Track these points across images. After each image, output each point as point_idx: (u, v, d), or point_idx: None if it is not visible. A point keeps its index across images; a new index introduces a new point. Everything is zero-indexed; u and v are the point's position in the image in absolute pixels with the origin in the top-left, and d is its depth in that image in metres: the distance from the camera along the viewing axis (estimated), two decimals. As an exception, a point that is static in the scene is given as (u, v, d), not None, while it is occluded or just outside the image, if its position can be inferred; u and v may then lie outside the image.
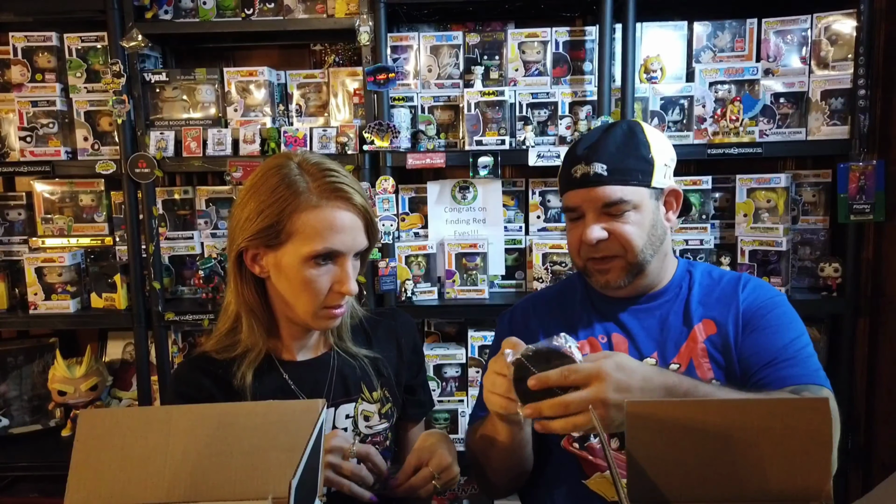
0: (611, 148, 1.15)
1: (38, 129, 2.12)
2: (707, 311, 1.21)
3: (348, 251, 1.06)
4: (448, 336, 2.28)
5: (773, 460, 0.78)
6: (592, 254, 1.17)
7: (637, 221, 1.15)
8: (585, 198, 1.16)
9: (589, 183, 1.14)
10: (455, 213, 2.19)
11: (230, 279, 1.12)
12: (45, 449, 2.11)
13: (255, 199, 1.06)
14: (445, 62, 2.12)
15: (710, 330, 1.20)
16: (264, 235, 1.05)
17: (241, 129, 2.08)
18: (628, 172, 1.14)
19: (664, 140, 1.20)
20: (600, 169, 1.13)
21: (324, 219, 1.04)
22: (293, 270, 1.05)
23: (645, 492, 0.81)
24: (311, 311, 1.08)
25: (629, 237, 1.14)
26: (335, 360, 1.18)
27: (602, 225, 1.15)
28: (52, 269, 2.13)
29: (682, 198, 1.23)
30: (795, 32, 1.98)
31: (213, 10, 2.07)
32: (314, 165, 1.07)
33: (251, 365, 1.12)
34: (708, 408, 0.83)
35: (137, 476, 0.81)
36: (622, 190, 1.14)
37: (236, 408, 0.89)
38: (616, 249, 1.16)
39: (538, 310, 1.34)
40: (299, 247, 1.04)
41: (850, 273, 1.94)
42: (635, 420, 0.82)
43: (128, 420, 0.85)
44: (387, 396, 1.20)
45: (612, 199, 1.14)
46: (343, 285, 1.06)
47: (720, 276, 1.26)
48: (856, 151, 1.90)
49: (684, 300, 1.24)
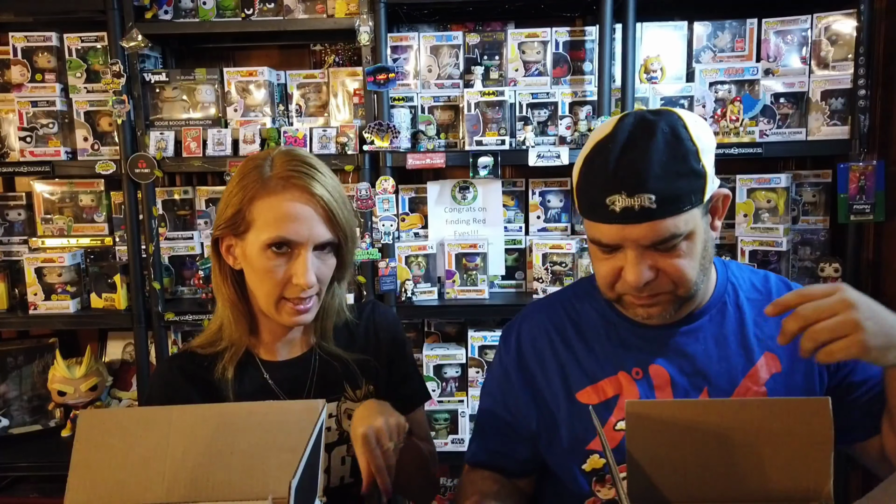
0: (656, 168, 0.89)
1: (37, 130, 2.12)
2: (768, 341, 1.02)
3: (304, 242, 1.04)
4: (448, 336, 2.28)
5: (774, 460, 0.78)
6: (634, 293, 0.96)
7: (689, 252, 0.94)
8: (628, 236, 0.92)
9: (633, 219, 0.90)
10: (455, 214, 2.19)
11: (212, 272, 1.13)
12: (45, 449, 2.11)
13: (228, 190, 1.08)
14: (445, 62, 2.12)
15: (773, 367, 1.01)
16: (231, 224, 1.06)
17: (241, 129, 2.08)
18: (681, 199, 0.90)
19: (707, 130, 0.97)
20: (648, 202, 0.88)
21: (277, 207, 1.03)
22: (255, 259, 1.05)
23: (645, 492, 0.80)
24: (272, 301, 1.07)
25: (682, 272, 0.94)
26: (316, 359, 1.17)
27: (649, 262, 0.93)
28: (51, 269, 2.13)
29: (729, 200, 1.01)
30: (795, 32, 1.98)
31: (213, 11, 2.07)
32: (285, 156, 1.07)
33: (232, 360, 1.12)
34: (708, 408, 0.83)
35: (137, 476, 0.81)
36: (675, 223, 0.90)
37: (236, 408, 0.89)
38: (665, 286, 0.95)
39: (550, 336, 1.11)
40: (258, 234, 1.04)
41: (850, 273, 1.94)
42: (635, 420, 0.82)
43: (128, 420, 0.85)
44: (371, 393, 1.18)
45: (664, 237, 0.91)
46: (298, 277, 1.04)
47: (767, 289, 1.07)
48: (856, 151, 1.90)
49: (738, 321, 1.04)
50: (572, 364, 1.08)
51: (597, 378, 1.06)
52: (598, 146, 0.95)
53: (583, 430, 1.05)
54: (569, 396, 1.07)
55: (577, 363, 1.08)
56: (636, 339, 1.05)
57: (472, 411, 2.08)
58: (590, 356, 1.07)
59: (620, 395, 1.03)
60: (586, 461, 1.05)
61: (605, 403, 1.04)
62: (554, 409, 1.08)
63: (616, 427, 1.03)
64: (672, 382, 1.02)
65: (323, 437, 0.86)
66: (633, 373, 1.04)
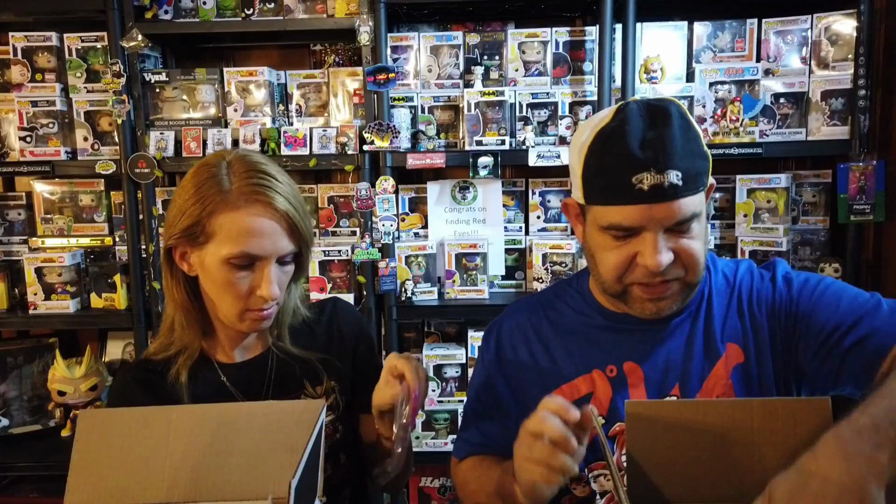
0: (678, 147, 0.90)
1: (37, 129, 2.12)
2: (731, 332, 1.02)
3: (268, 255, 1.03)
4: (448, 336, 2.28)
5: (774, 460, 0.78)
6: (648, 279, 0.95)
7: (699, 234, 0.95)
8: (654, 216, 0.91)
9: (662, 197, 0.89)
10: (455, 214, 2.19)
11: (163, 278, 1.11)
12: (45, 449, 2.11)
13: (181, 197, 1.05)
14: (445, 62, 2.12)
15: (736, 358, 1.01)
16: (188, 234, 1.04)
17: (241, 129, 2.08)
18: (699, 178, 0.92)
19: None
20: (676, 178, 0.89)
21: (241, 222, 1.01)
22: (215, 271, 1.03)
23: (645, 492, 0.80)
24: (234, 312, 1.06)
25: (696, 255, 0.94)
26: (273, 358, 1.16)
27: (670, 245, 0.93)
28: (51, 269, 2.13)
29: (713, 189, 1.02)
30: (795, 33, 1.98)
31: (213, 10, 2.07)
32: (243, 164, 1.04)
33: (186, 363, 1.10)
34: (708, 408, 0.83)
35: (137, 476, 0.81)
36: (694, 201, 0.92)
37: (236, 408, 0.89)
38: (678, 272, 0.95)
39: (527, 335, 1.13)
40: (219, 248, 1.02)
41: (849, 273, 1.94)
42: (635, 420, 0.82)
43: (128, 420, 0.85)
44: (332, 388, 1.17)
45: (686, 216, 0.91)
46: (263, 290, 1.03)
47: (733, 280, 1.06)
48: (856, 152, 1.90)
49: (707, 316, 1.04)
50: (547, 363, 1.09)
51: (571, 376, 1.07)
52: (605, 132, 0.94)
53: None
54: (543, 394, 1.08)
55: (552, 362, 1.09)
56: (612, 335, 1.06)
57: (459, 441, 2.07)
58: (565, 355, 1.08)
59: (594, 393, 1.05)
60: None
61: (578, 402, 1.04)
62: (532, 406, 1.09)
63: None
64: (645, 379, 1.03)
65: (323, 436, 0.86)
66: (608, 370, 1.04)
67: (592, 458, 1.03)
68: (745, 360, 1.00)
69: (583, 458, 0.85)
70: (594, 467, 1.02)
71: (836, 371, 0.92)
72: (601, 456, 1.02)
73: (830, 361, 0.93)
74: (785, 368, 0.99)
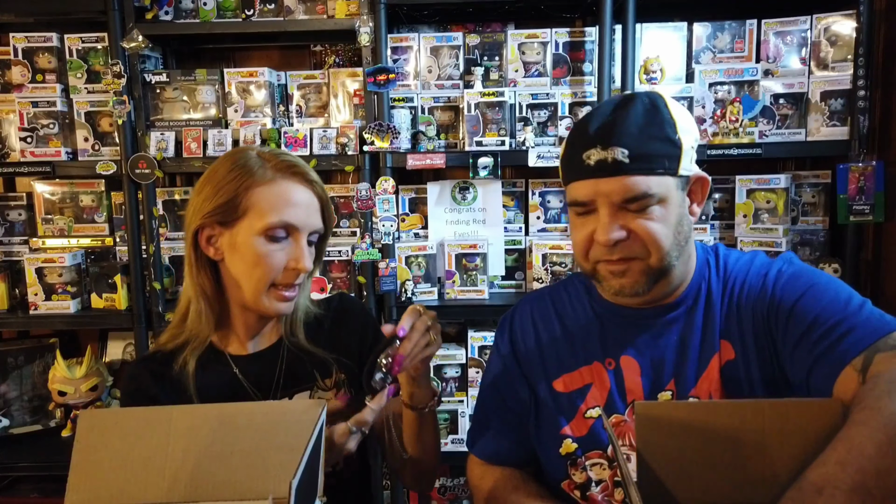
0: (632, 128, 0.94)
1: (38, 130, 2.12)
2: (723, 327, 1.03)
3: (303, 228, 1.07)
4: (448, 337, 2.28)
5: (784, 461, 0.77)
6: (606, 256, 0.98)
7: (662, 217, 0.96)
8: (601, 190, 0.95)
9: (607, 172, 0.94)
10: (455, 214, 2.19)
11: (186, 263, 1.12)
12: (45, 449, 2.11)
13: (211, 182, 1.08)
14: (445, 63, 2.12)
15: (728, 354, 1.01)
16: (221, 212, 1.06)
17: (242, 129, 2.09)
18: (654, 159, 0.94)
19: (689, 118, 1.01)
20: (621, 155, 0.93)
21: (280, 193, 1.05)
22: (247, 247, 1.05)
23: (655, 494, 0.80)
24: (261, 289, 1.07)
25: (655, 237, 0.95)
26: (285, 350, 1.17)
27: (620, 223, 0.96)
28: (52, 269, 2.13)
29: (708, 186, 1.03)
30: (795, 33, 1.98)
31: (213, 11, 2.07)
32: (272, 152, 1.11)
33: (194, 352, 1.11)
34: (717, 409, 0.82)
35: (137, 476, 0.81)
36: (647, 181, 0.94)
37: (236, 408, 0.89)
38: (637, 251, 0.97)
39: (536, 324, 1.16)
40: (255, 221, 1.04)
41: (849, 274, 1.94)
42: (645, 422, 0.81)
43: (128, 420, 0.85)
44: (343, 381, 1.18)
45: (635, 193, 0.94)
46: (298, 262, 1.06)
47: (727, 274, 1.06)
48: (855, 152, 1.90)
49: (706, 311, 1.04)
50: (552, 353, 1.13)
51: (573, 367, 1.10)
52: (582, 118, 1.02)
53: (557, 415, 1.10)
54: (547, 384, 1.12)
55: (556, 352, 1.12)
56: (611, 328, 1.08)
57: (471, 411, 2.08)
58: (569, 346, 1.11)
59: (593, 384, 1.08)
60: (561, 445, 1.09)
61: (578, 391, 1.09)
62: (538, 394, 1.14)
63: (586, 415, 1.08)
64: (641, 373, 1.05)
65: (323, 436, 0.86)
66: (606, 363, 1.07)
67: (593, 446, 1.07)
68: (735, 358, 1.01)
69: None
70: (590, 456, 1.07)
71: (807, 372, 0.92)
72: (598, 446, 1.07)
73: (801, 362, 0.93)
74: (771, 367, 0.99)
